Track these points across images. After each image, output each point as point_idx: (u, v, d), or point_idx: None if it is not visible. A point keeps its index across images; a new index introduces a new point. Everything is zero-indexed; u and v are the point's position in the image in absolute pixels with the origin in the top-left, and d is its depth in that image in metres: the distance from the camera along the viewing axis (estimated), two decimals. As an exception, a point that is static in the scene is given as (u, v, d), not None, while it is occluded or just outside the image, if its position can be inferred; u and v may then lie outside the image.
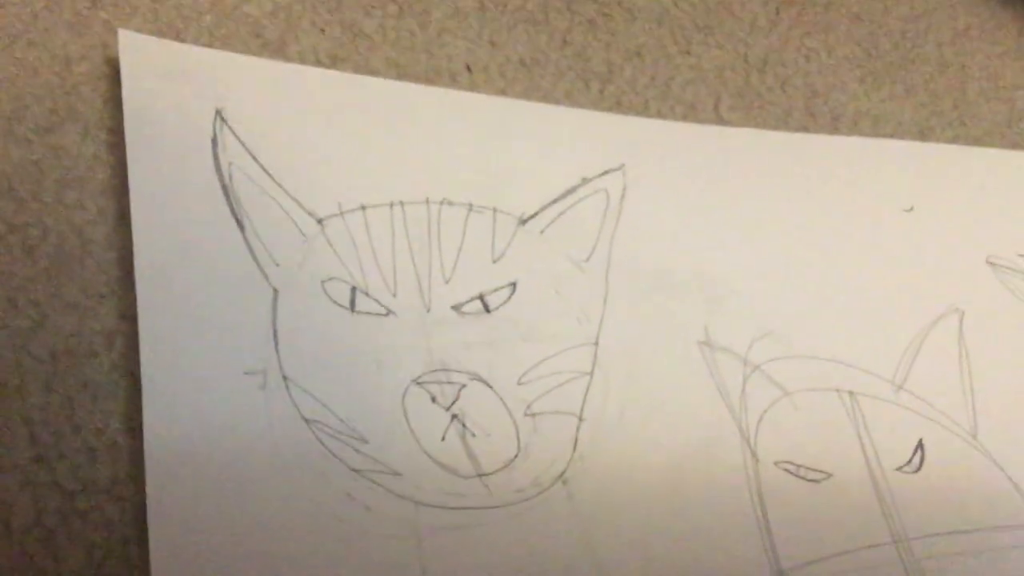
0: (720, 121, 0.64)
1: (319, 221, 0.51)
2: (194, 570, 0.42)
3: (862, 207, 0.63)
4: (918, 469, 0.55)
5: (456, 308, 0.51)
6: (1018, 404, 0.59)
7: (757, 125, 0.65)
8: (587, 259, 0.56)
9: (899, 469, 0.54)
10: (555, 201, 0.56)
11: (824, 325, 0.58)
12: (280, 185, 0.51)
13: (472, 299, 0.52)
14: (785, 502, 0.52)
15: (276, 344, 0.48)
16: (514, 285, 0.53)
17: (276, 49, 0.56)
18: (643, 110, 0.63)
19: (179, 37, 0.54)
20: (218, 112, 0.51)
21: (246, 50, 0.55)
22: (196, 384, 0.45)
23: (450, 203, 0.54)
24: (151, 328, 0.46)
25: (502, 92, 0.60)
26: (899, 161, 0.66)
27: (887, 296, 0.60)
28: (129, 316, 0.47)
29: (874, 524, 0.53)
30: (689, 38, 0.67)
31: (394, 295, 0.51)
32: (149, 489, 0.43)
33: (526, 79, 0.61)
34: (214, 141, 0.51)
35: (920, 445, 0.55)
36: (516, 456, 0.49)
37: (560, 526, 0.48)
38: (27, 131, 0.50)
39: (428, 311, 0.51)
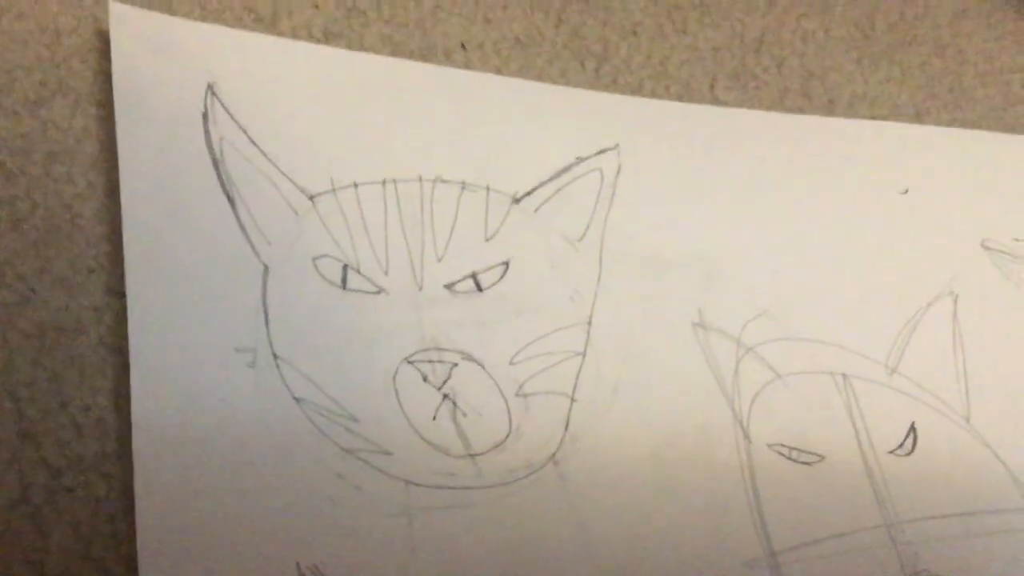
0: (715, 101, 0.64)
1: (311, 198, 0.51)
2: (181, 548, 0.42)
3: (857, 189, 0.63)
4: (910, 452, 0.55)
5: (448, 287, 0.51)
6: (1011, 388, 0.59)
7: (752, 106, 0.64)
8: (581, 238, 0.55)
9: (891, 452, 0.54)
10: (549, 180, 0.56)
11: (818, 307, 0.58)
12: (272, 161, 0.51)
13: (464, 278, 0.52)
14: (777, 484, 0.52)
15: (266, 321, 0.47)
16: (507, 264, 0.53)
17: (269, 24, 0.56)
18: (638, 90, 0.63)
19: (171, 10, 0.54)
20: (209, 86, 0.51)
21: (238, 24, 0.55)
22: (184, 361, 0.45)
23: (443, 181, 0.54)
24: (139, 304, 0.46)
25: (497, 70, 0.60)
26: (894, 143, 0.66)
27: (881, 279, 0.60)
28: (118, 292, 0.46)
29: (866, 507, 0.52)
30: (685, 17, 0.66)
31: (386, 273, 0.50)
32: (136, 466, 0.43)
33: (521, 57, 0.61)
34: (205, 116, 0.50)
35: (913, 428, 0.55)
36: (507, 436, 0.49)
37: (551, 506, 0.48)
38: (15, 104, 0.49)
39: (420, 289, 0.50)
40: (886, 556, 0.51)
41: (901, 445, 0.55)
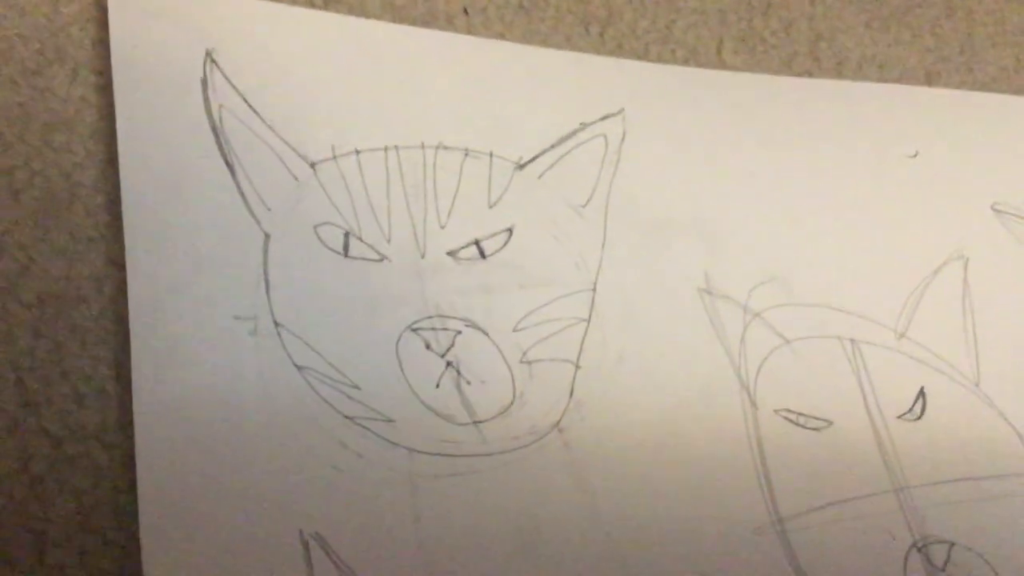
0: (722, 65, 0.63)
1: (312, 165, 0.50)
2: (183, 517, 0.42)
3: (866, 153, 0.62)
4: (919, 417, 0.54)
5: (451, 254, 0.51)
6: (1021, 351, 0.58)
7: (760, 70, 0.64)
8: (585, 204, 0.55)
9: (900, 417, 0.54)
10: (553, 146, 0.55)
11: (826, 272, 0.57)
12: (272, 128, 0.50)
13: (468, 245, 0.51)
14: (784, 450, 0.51)
15: (267, 289, 0.47)
16: (510, 231, 0.52)
17: (268, -10, 0.55)
18: (643, 54, 0.62)
19: (168, -23, 0.53)
20: (208, 53, 0.50)
21: (237, -9, 0.54)
22: (185, 330, 0.45)
23: (446, 148, 0.53)
24: (139, 273, 0.45)
25: (500, 36, 0.59)
26: (904, 106, 0.65)
27: (890, 243, 0.59)
28: (118, 261, 0.46)
29: (874, 472, 0.52)
30: (691, -19, 0.66)
31: (388, 240, 0.50)
32: (137, 436, 0.42)
33: (525, 22, 0.60)
34: (204, 83, 0.50)
35: (922, 393, 0.55)
36: (511, 403, 0.49)
37: (556, 474, 0.48)
38: (13, 72, 0.49)
39: (423, 257, 0.50)
40: (894, 521, 0.51)
41: (910, 410, 0.54)
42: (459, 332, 0.49)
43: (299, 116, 0.51)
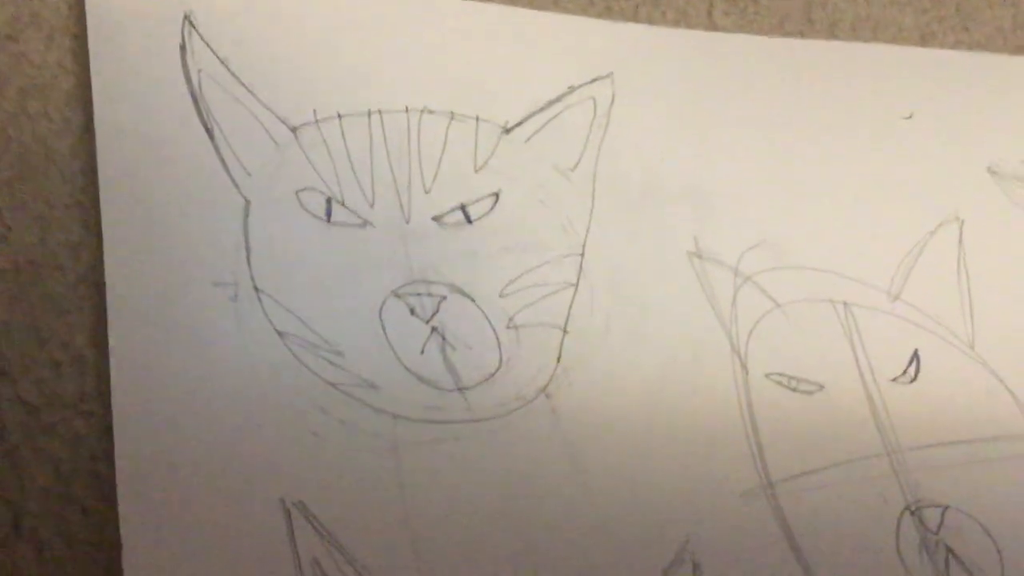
0: (713, 27, 0.62)
1: (293, 129, 0.50)
2: (162, 485, 0.41)
3: (860, 114, 0.61)
4: (913, 380, 0.54)
5: (436, 219, 0.50)
6: (1017, 314, 0.57)
7: (752, 31, 0.63)
8: (573, 168, 0.54)
9: (894, 380, 0.53)
10: (541, 109, 0.55)
11: (818, 235, 0.56)
12: (252, 92, 0.49)
13: (453, 209, 0.51)
14: (775, 415, 0.51)
15: (248, 255, 0.46)
16: (497, 195, 0.52)
17: (248, -47, 0.54)
18: (633, 15, 0.61)
19: (146, -60, 0.52)
20: (186, 16, 0.50)
21: (217, -46, 0.53)
22: (163, 296, 0.44)
23: (431, 111, 0.52)
24: (116, 239, 0.45)
25: (486, -2, 0.58)
26: (899, 67, 0.64)
27: (884, 205, 0.59)
28: (95, 228, 0.45)
29: (867, 436, 0.51)
30: (682, -59, 0.65)
31: (372, 205, 0.49)
32: (115, 404, 0.42)
33: (511, -16, 0.59)
34: (182, 47, 0.49)
35: (916, 356, 0.54)
36: (497, 369, 0.48)
37: (543, 440, 0.47)
38: (-12, 38, 0.48)
39: (407, 222, 0.49)
40: (887, 485, 0.50)
41: (904, 373, 0.54)
42: (444, 297, 0.48)
43: (280, 80, 0.50)
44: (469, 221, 0.51)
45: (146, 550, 0.40)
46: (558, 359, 0.49)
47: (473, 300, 0.49)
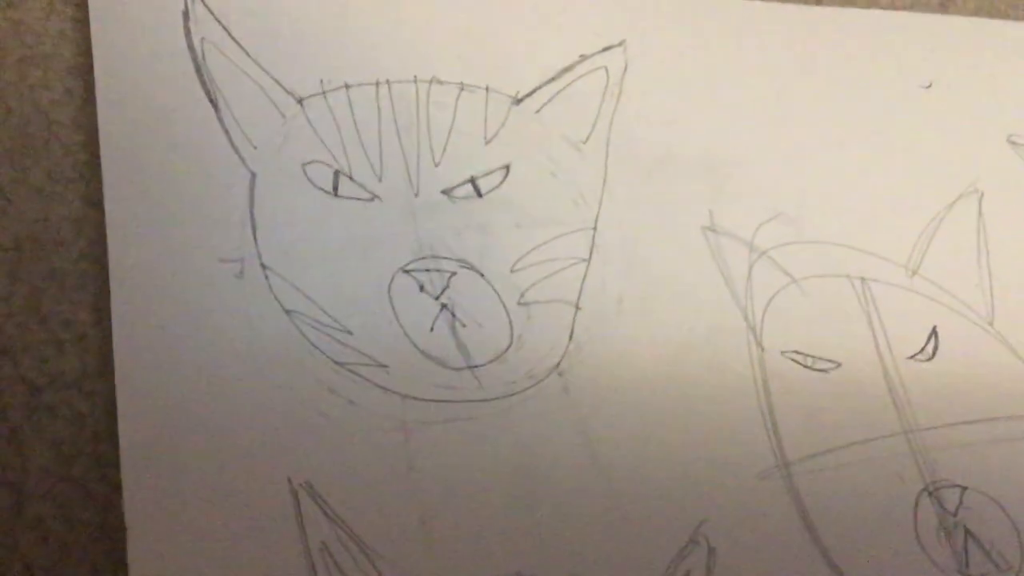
0: (728, -6, 0.61)
1: (299, 101, 0.49)
2: (166, 465, 0.41)
3: (878, 83, 0.60)
4: (931, 357, 0.53)
5: (446, 192, 0.49)
6: (1038, 289, 0.56)
7: (767, -2, 0.62)
8: (585, 140, 0.53)
9: (911, 357, 0.52)
10: (552, 80, 0.53)
11: (835, 208, 0.55)
12: (257, 62, 0.48)
13: (463, 183, 0.50)
14: (791, 393, 0.50)
15: (254, 231, 0.45)
16: (507, 168, 0.50)
17: (253, -82, 0.53)
18: (646, -18, 0.59)
19: (148, -95, 0.51)
20: (189, -17, 0.49)
21: (220, -81, 0.52)
22: (167, 273, 0.43)
23: (440, 82, 0.51)
24: (119, 214, 0.44)
25: (496, -36, 0.57)
26: (918, 34, 0.63)
27: (903, 177, 0.57)
28: (98, 202, 0.45)
29: (884, 414, 0.51)
30: (696, -95, 0.63)
31: (380, 179, 0.48)
32: (118, 383, 0.41)
33: (522, -50, 0.58)
34: (185, 15, 0.48)
35: (934, 332, 0.53)
36: (508, 347, 0.47)
37: (554, 419, 0.46)
38: (-14, 6, 0.47)
39: (416, 195, 0.48)
40: (904, 464, 0.50)
41: (922, 350, 0.53)
42: (454, 273, 0.48)
43: (286, 50, 0.49)
44: (479, 195, 0.50)
45: (150, 532, 0.40)
46: (570, 336, 0.48)
47: (483, 276, 0.48)
